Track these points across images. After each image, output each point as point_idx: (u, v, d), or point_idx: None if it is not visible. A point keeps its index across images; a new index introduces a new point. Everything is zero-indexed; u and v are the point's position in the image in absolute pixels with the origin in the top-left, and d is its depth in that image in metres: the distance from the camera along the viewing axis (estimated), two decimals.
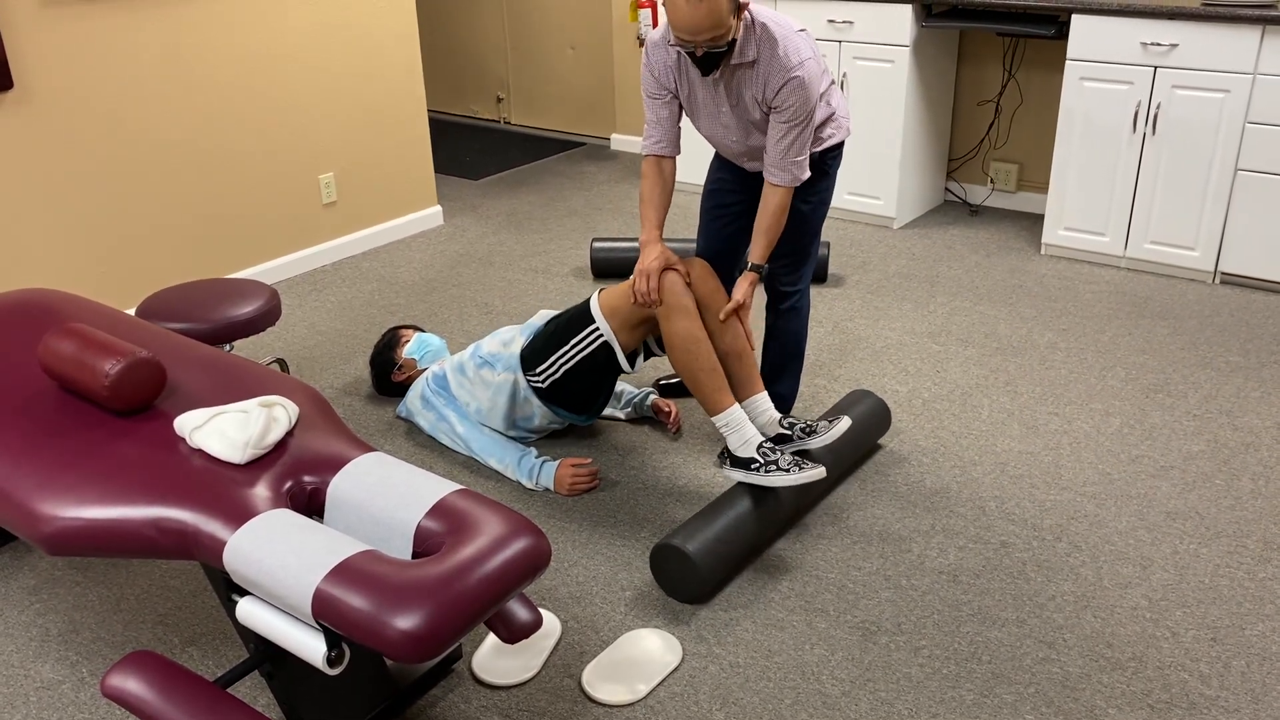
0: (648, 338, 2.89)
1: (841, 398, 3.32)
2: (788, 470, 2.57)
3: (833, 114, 2.80)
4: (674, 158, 2.82)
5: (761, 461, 2.60)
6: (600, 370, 2.85)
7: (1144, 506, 2.78)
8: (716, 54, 2.51)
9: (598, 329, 2.80)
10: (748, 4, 2.51)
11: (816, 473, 2.56)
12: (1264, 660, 2.25)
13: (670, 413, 3.19)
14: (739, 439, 2.65)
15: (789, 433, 2.71)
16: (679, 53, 2.67)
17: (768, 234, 2.72)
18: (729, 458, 2.69)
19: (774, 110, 2.62)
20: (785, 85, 2.56)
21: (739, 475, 2.64)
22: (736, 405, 2.68)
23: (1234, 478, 2.89)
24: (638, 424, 3.24)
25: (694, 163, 5.25)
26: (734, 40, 2.52)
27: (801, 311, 3.00)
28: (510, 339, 3.02)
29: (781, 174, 2.67)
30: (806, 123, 2.61)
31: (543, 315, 3.10)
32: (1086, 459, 2.99)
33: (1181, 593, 2.46)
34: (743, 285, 2.74)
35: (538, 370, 2.90)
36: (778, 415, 2.73)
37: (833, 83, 2.81)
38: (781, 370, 3.08)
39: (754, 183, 2.94)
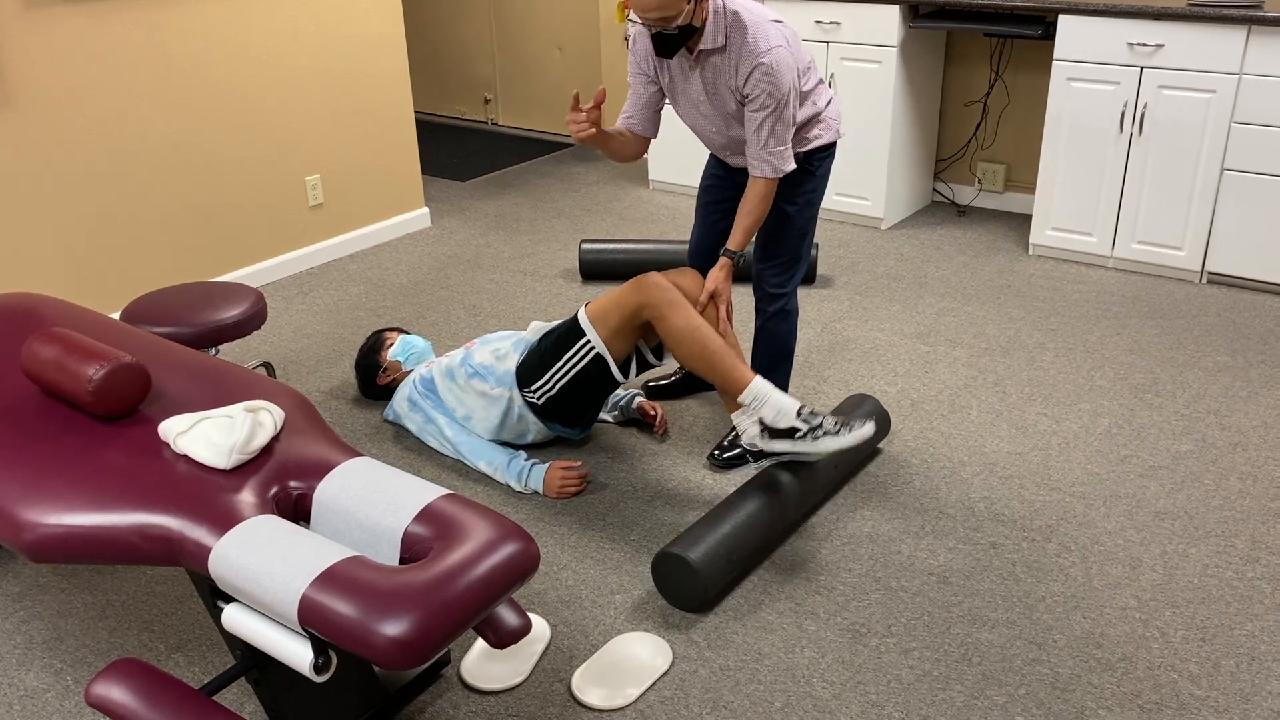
0: (643, 347, 2.87)
1: (841, 401, 3.31)
2: (837, 432, 2.49)
3: (818, 114, 2.79)
4: (645, 137, 2.82)
5: (805, 428, 2.51)
6: (594, 383, 2.84)
7: (1133, 506, 2.78)
8: (669, 36, 2.51)
9: (589, 342, 2.78)
10: None
11: (866, 430, 2.51)
12: (1253, 660, 2.25)
13: (656, 415, 3.18)
14: (773, 410, 2.55)
15: (779, 445, 2.66)
16: None
17: (745, 220, 2.72)
18: (767, 431, 2.56)
19: (746, 100, 2.61)
20: (754, 72, 2.55)
21: (783, 446, 2.53)
22: (758, 376, 2.61)
23: (1222, 477, 2.90)
24: (625, 426, 3.23)
25: (692, 163, 5.25)
26: (693, 26, 2.52)
27: (790, 314, 3.00)
28: (504, 353, 2.97)
29: (762, 165, 2.67)
30: (779, 111, 2.59)
31: (535, 328, 3.04)
32: (1075, 459, 2.99)
33: (1170, 593, 2.46)
34: (714, 273, 2.75)
35: (532, 388, 2.88)
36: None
37: (820, 82, 2.80)
38: (770, 373, 3.07)
39: (744, 180, 2.95)
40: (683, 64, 2.67)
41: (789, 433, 2.55)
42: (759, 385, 2.59)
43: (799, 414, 2.55)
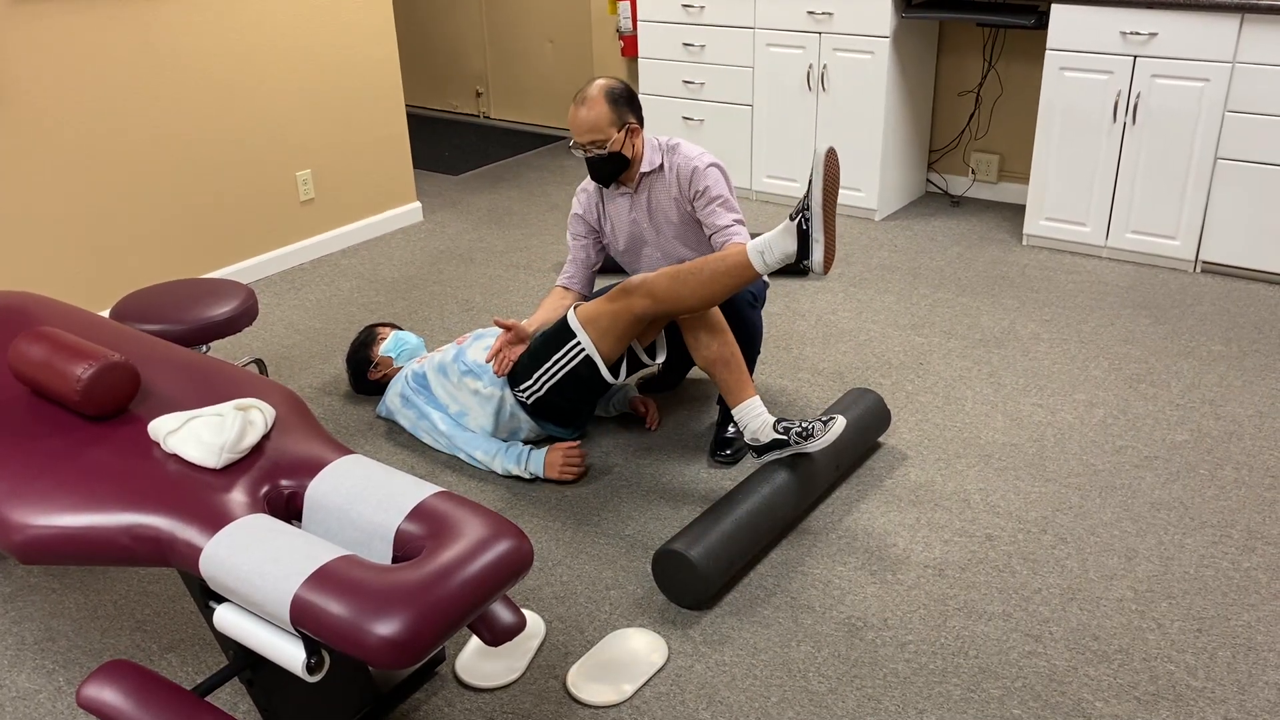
0: (636, 347, 2.85)
1: (841, 395, 3.31)
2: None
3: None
4: (581, 295, 3.14)
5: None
6: (584, 384, 2.82)
7: (1128, 497, 2.77)
8: (600, 161, 2.90)
9: (578, 343, 2.76)
10: (637, 129, 2.93)
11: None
12: (1249, 650, 2.25)
13: (648, 410, 3.17)
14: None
15: (785, 437, 2.67)
16: (600, 191, 3.08)
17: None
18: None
19: (697, 199, 2.93)
20: (693, 175, 2.92)
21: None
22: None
23: (1218, 467, 2.89)
24: (618, 420, 3.22)
25: None
26: (624, 156, 2.90)
27: (744, 297, 2.96)
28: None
29: (734, 237, 2.89)
30: (728, 196, 2.92)
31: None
32: (1071, 450, 2.99)
33: (1167, 584, 2.45)
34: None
35: (522, 388, 2.88)
36: (771, 419, 2.69)
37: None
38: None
39: None
40: (624, 201, 3.03)
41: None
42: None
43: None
